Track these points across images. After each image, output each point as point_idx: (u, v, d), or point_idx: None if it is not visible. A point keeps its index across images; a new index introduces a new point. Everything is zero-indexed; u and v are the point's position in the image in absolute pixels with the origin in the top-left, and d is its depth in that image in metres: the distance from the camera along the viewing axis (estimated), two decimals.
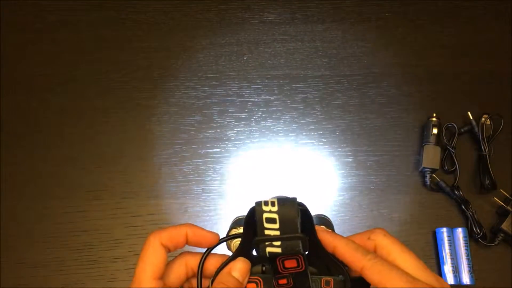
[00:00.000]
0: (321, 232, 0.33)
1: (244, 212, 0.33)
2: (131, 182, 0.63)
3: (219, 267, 0.33)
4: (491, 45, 0.71)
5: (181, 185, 0.63)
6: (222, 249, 0.38)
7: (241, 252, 0.33)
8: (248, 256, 0.33)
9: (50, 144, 0.65)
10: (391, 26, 0.72)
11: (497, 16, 0.73)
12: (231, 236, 0.35)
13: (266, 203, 0.30)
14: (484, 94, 0.68)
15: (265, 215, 0.30)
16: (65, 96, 0.67)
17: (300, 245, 0.31)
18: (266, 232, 0.30)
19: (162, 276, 0.33)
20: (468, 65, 0.70)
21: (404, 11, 0.73)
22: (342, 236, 0.33)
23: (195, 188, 0.63)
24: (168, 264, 0.34)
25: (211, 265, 0.35)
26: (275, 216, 0.30)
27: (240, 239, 0.33)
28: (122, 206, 0.62)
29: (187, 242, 0.35)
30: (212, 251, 0.35)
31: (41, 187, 0.63)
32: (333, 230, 0.41)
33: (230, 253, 0.35)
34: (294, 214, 0.30)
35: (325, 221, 0.44)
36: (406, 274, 0.30)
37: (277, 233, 0.30)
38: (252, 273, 0.33)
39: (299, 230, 0.30)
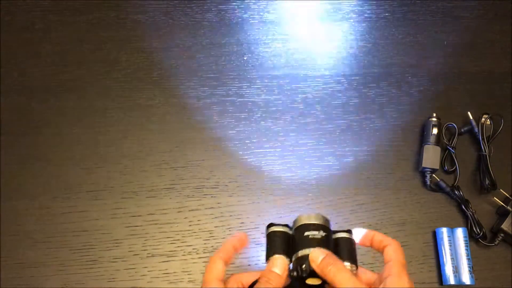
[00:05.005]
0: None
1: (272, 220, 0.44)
2: (131, 182, 0.63)
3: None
4: (491, 45, 0.71)
5: (181, 185, 0.63)
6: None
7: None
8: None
9: (50, 144, 0.65)
10: (391, 26, 0.72)
11: (497, 16, 0.73)
12: None
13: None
14: (484, 94, 0.68)
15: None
16: (65, 96, 0.67)
17: None
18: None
19: (223, 280, 0.42)
20: (468, 65, 0.70)
21: (404, 11, 0.73)
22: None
23: (195, 188, 0.63)
24: (211, 265, 0.42)
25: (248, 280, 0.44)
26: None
27: (279, 255, 0.42)
28: (122, 206, 0.62)
29: (236, 251, 0.44)
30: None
31: (41, 187, 0.63)
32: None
33: None
34: None
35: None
36: None
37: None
38: None
39: None
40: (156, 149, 0.65)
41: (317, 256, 0.40)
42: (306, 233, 0.42)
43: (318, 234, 0.42)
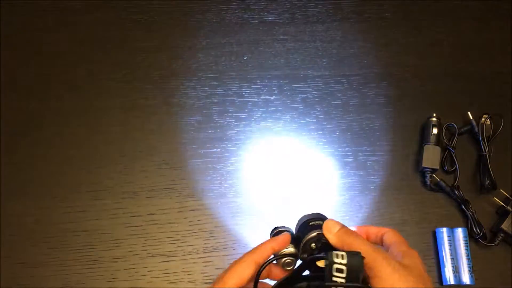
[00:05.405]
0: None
1: (277, 224, 0.45)
2: (131, 182, 0.63)
3: (259, 270, 0.41)
4: (491, 45, 0.71)
5: (181, 185, 0.63)
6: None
7: (296, 273, 0.41)
8: (299, 276, 0.41)
9: (50, 144, 0.65)
10: (391, 26, 0.72)
11: (497, 16, 0.73)
12: (283, 256, 0.43)
13: (337, 255, 0.37)
14: (484, 94, 0.68)
15: (335, 266, 0.37)
16: (65, 96, 0.67)
17: None
18: (334, 278, 0.37)
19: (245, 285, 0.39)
20: (468, 65, 0.70)
21: (404, 11, 0.73)
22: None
23: (195, 188, 0.63)
24: (239, 265, 0.39)
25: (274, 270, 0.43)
26: (343, 267, 0.37)
27: (288, 257, 0.42)
28: (122, 206, 0.62)
29: (273, 252, 0.42)
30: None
31: (41, 187, 0.63)
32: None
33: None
34: (359, 267, 0.37)
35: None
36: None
37: (343, 281, 0.37)
38: None
39: (360, 280, 0.37)
40: (156, 149, 0.65)
41: (334, 225, 0.41)
42: (311, 223, 0.44)
43: (322, 222, 0.43)
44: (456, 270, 0.58)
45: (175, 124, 0.66)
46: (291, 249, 0.43)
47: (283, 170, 0.64)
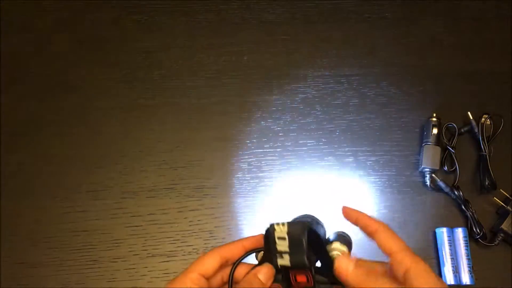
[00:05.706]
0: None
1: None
2: (131, 182, 0.63)
3: (233, 266, 0.39)
4: (491, 45, 0.71)
5: (181, 185, 0.63)
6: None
7: (264, 260, 0.39)
8: (272, 264, 0.39)
9: (50, 144, 0.65)
10: (391, 26, 0.72)
11: (497, 16, 0.73)
12: (256, 250, 0.41)
13: (277, 224, 0.37)
14: (484, 94, 0.68)
15: (276, 234, 0.37)
16: (65, 96, 0.67)
17: (305, 260, 0.36)
18: (278, 247, 0.37)
19: (208, 278, 0.38)
20: (468, 65, 0.70)
21: (404, 11, 0.73)
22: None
23: (195, 188, 0.63)
24: (203, 256, 0.39)
25: (240, 271, 0.40)
26: (285, 235, 0.36)
27: (261, 250, 0.40)
28: (122, 206, 0.62)
29: (245, 250, 0.40)
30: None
31: (41, 187, 0.63)
32: (350, 246, 0.42)
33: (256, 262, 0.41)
34: (301, 234, 0.36)
35: (342, 238, 0.44)
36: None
37: (287, 249, 0.36)
38: (274, 280, 0.39)
39: (305, 247, 0.36)
40: (156, 149, 0.65)
41: (347, 265, 0.37)
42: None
43: (304, 218, 0.42)
44: (456, 270, 0.58)
45: (175, 124, 0.66)
46: (267, 273, 0.41)
47: (282, 169, 0.64)
